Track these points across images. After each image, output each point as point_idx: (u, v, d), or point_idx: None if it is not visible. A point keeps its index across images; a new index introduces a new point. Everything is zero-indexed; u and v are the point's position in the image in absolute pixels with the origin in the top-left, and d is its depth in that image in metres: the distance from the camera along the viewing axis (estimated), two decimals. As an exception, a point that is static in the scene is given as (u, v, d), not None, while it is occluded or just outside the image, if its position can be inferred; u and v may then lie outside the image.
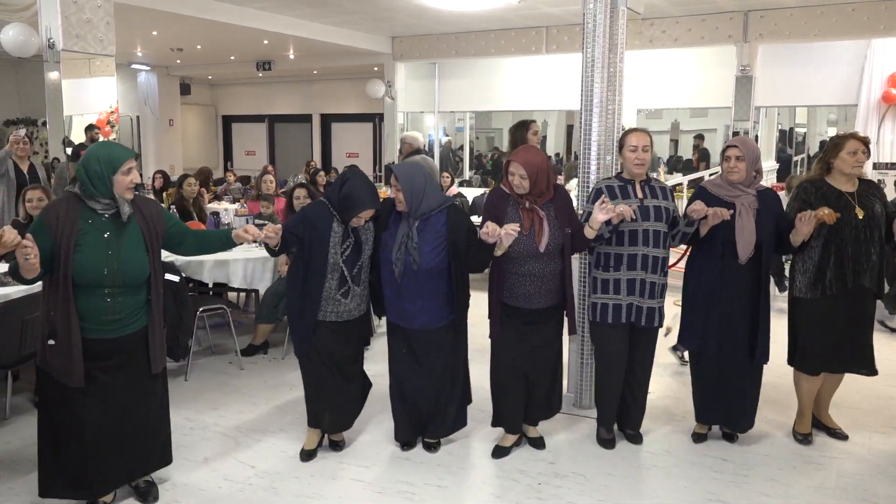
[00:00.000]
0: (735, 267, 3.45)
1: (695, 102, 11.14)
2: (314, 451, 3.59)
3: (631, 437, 3.74)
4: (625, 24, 3.95)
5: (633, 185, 3.50)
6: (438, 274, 3.37)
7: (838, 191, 3.54)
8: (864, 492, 3.29)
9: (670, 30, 9.36)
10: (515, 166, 3.31)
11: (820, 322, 3.58)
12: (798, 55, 9.42)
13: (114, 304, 2.82)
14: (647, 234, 3.44)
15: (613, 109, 3.97)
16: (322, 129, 15.92)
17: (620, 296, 3.48)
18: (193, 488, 3.29)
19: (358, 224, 3.34)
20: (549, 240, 3.32)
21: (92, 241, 2.76)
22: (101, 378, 2.86)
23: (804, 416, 3.78)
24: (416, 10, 8.99)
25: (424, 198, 3.34)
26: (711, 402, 3.67)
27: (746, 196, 3.46)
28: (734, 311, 3.49)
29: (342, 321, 3.41)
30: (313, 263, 3.33)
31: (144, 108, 14.22)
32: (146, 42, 11.36)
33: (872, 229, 3.51)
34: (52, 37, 5.83)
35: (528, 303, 3.39)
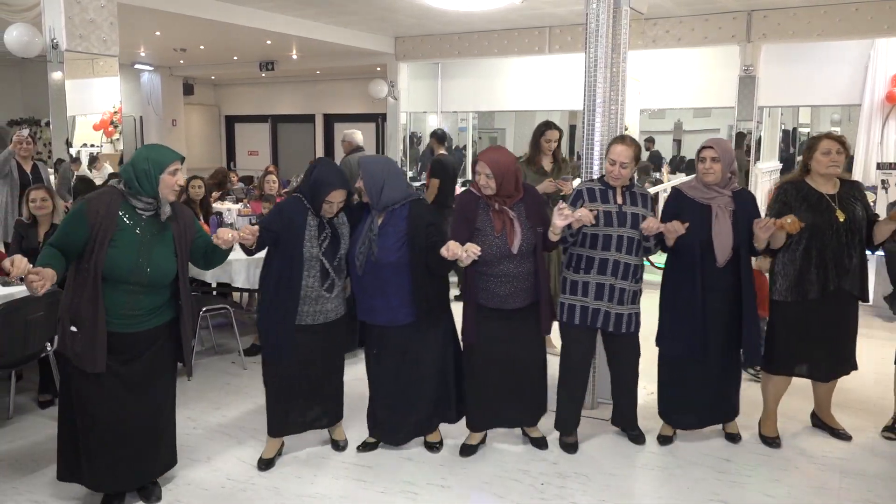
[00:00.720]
0: (714, 270, 3.43)
1: (698, 102, 11.11)
2: (272, 459, 3.51)
3: (634, 437, 3.74)
4: (628, 23, 3.95)
5: (615, 191, 3.48)
6: (401, 269, 3.31)
7: (819, 192, 3.50)
8: (867, 492, 3.28)
9: (673, 29, 9.34)
10: (481, 166, 3.30)
11: (795, 326, 3.56)
12: (801, 55, 9.40)
13: (134, 301, 2.89)
14: (622, 240, 3.42)
15: (616, 109, 3.97)
16: (325, 130, 15.92)
17: (588, 299, 3.46)
18: (196, 488, 3.29)
19: (330, 212, 3.29)
20: (522, 240, 3.30)
21: (127, 238, 2.84)
22: (118, 371, 2.91)
23: (769, 418, 3.76)
24: (419, 11, 8.99)
25: (384, 190, 3.30)
26: (684, 405, 3.64)
27: (722, 197, 3.43)
28: (716, 313, 3.46)
29: (319, 324, 3.36)
30: (289, 260, 3.27)
31: (148, 108, 14.23)
32: (149, 42, 11.38)
33: (853, 232, 3.47)
34: (56, 37, 5.84)
35: (504, 303, 3.37)
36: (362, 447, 3.63)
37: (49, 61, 5.93)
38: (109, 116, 7.07)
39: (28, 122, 12.19)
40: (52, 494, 3.20)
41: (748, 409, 3.95)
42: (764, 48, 9.20)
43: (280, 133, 16.78)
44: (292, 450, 3.63)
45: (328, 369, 3.49)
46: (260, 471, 3.44)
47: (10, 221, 5.96)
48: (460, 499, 3.24)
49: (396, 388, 3.49)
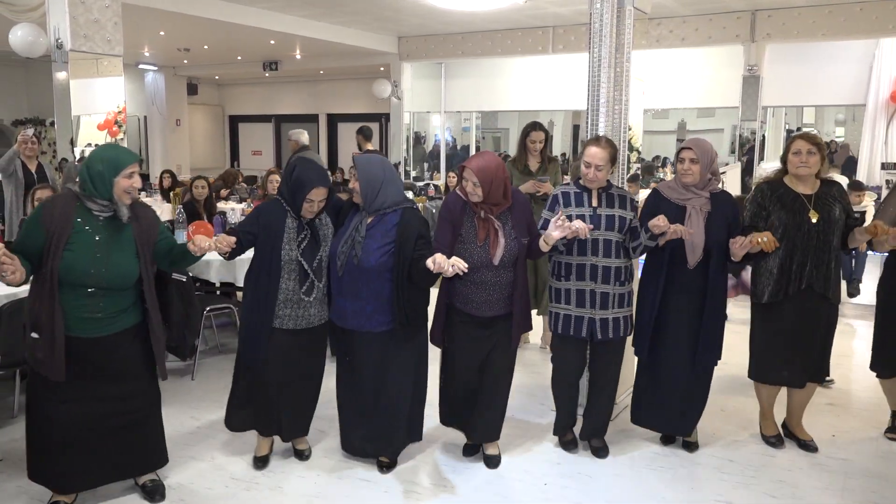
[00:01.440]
0: (685, 272, 3.39)
1: (702, 102, 11.12)
2: (267, 456, 3.48)
3: (596, 450, 3.58)
4: (632, 23, 3.94)
5: (590, 193, 3.41)
6: (381, 275, 3.19)
7: (794, 192, 3.47)
8: (871, 493, 3.27)
9: (677, 29, 9.34)
10: (468, 172, 3.18)
11: (772, 329, 3.53)
12: (806, 55, 9.40)
13: (94, 305, 2.82)
14: (598, 244, 3.34)
15: (620, 109, 3.96)
16: (328, 129, 15.95)
17: (571, 306, 3.39)
18: (200, 487, 3.30)
19: (311, 212, 3.21)
20: (505, 252, 3.21)
21: (83, 240, 2.78)
22: (83, 375, 2.86)
23: (766, 418, 3.75)
24: (422, 10, 8.99)
25: (381, 192, 3.21)
26: (653, 407, 3.61)
27: (698, 199, 3.39)
28: (685, 316, 3.43)
29: (300, 329, 3.27)
30: (268, 263, 3.21)
31: (152, 108, 14.27)
32: (153, 42, 11.40)
33: (827, 233, 3.42)
34: (61, 37, 5.86)
35: (478, 309, 3.28)
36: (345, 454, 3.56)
37: (53, 61, 5.95)
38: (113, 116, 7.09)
39: (33, 121, 12.23)
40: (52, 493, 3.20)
41: (749, 408, 3.95)
42: (768, 48, 9.19)
43: (283, 133, 16.79)
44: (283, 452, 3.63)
45: (306, 376, 3.40)
46: (257, 470, 3.42)
47: (16, 220, 5.98)
48: (464, 499, 3.24)
49: (365, 400, 3.36)
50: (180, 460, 3.49)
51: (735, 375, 3.76)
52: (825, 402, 4.30)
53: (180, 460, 3.49)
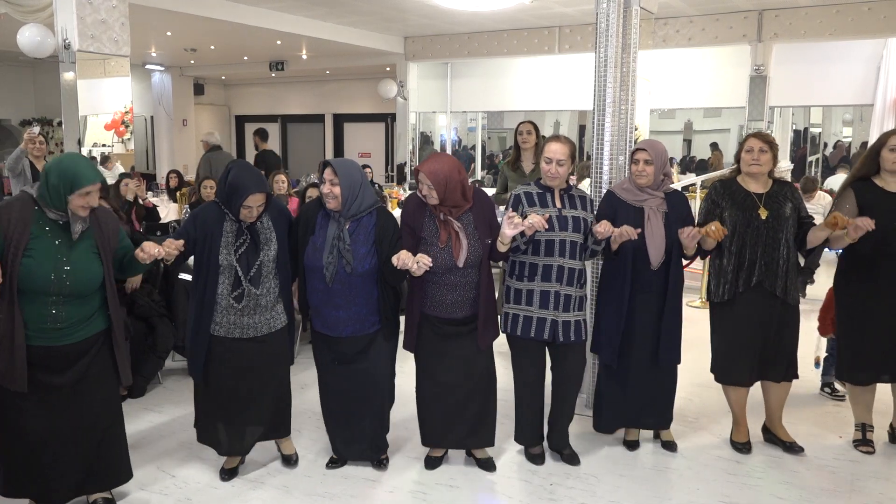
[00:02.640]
0: (647, 272, 3.41)
1: (708, 102, 11.07)
2: (235, 468, 3.40)
3: (568, 457, 3.54)
4: (638, 23, 3.94)
5: (553, 193, 3.38)
6: (371, 277, 3.20)
7: (745, 190, 3.50)
8: (879, 496, 3.26)
9: (684, 29, 9.31)
10: (422, 176, 3.14)
11: (732, 327, 3.54)
12: (813, 54, 9.35)
13: (58, 313, 2.73)
14: (564, 245, 3.30)
15: (626, 109, 3.96)
16: (335, 129, 15.96)
17: (532, 308, 3.32)
18: (206, 487, 3.30)
19: (249, 217, 3.10)
20: (469, 253, 3.18)
21: (42, 247, 2.69)
22: (46, 385, 2.76)
23: (738, 424, 3.71)
24: (428, 11, 8.99)
25: (359, 195, 3.16)
26: (620, 407, 3.60)
27: (654, 199, 3.42)
28: (650, 316, 3.45)
29: (235, 338, 3.16)
30: (206, 269, 3.12)
31: (158, 108, 14.30)
32: (160, 42, 11.43)
33: (777, 231, 3.43)
34: (68, 37, 5.88)
35: (448, 312, 3.25)
36: (331, 464, 3.50)
37: (61, 61, 5.96)
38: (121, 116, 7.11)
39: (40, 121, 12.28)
40: (63, 492, 3.21)
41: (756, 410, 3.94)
42: (775, 48, 9.15)
43: (290, 133, 16.83)
44: (302, 449, 3.63)
45: (261, 384, 3.27)
46: (223, 481, 3.33)
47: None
48: (469, 499, 3.24)
49: (351, 400, 3.36)
50: (187, 459, 3.50)
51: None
52: (831, 403, 4.28)
53: (187, 459, 3.50)
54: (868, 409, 3.71)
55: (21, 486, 2.87)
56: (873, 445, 3.68)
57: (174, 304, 4.55)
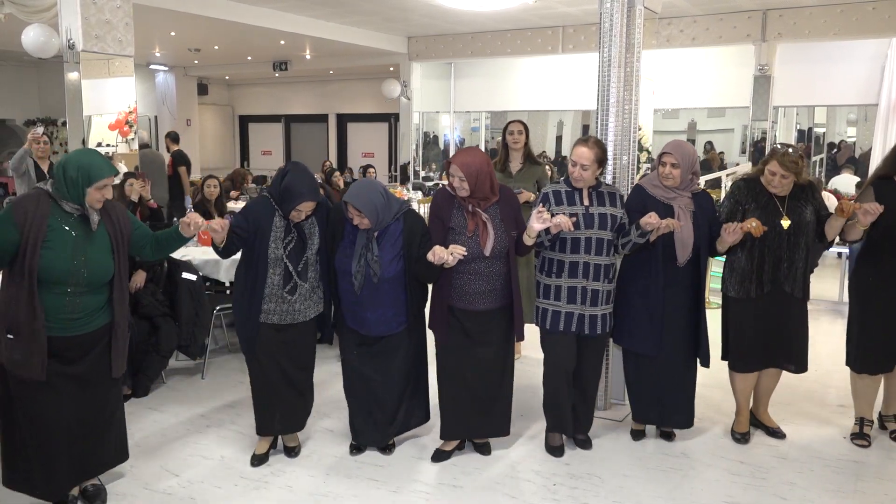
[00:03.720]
0: (674, 269, 3.47)
1: (712, 102, 11.07)
2: (266, 454, 3.52)
3: (581, 442, 3.66)
4: (642, 23, 3.93)
5: (581, 192, 3.44)
6: (397, 280, 3.32)
7: (769, 194, 3.53)
8: (883, 496, 3.25)
9: (688, 29, 9.30)
10: (454, 169, 3.25)
11: (747, 321, 3.61)
12: (817, 54, 9.34)
13: (73, 303, 2.80)
14: (591, 242, 3.39)
15: (630, 109, 3.95)
16: (338, 129, 15.98)
17: (561, 303, 3.43)
18: (209, 486, 3.31)
19: (298, 218, 3.26)
20: (495, 243, 3.27)
21: (60, 239, 2.75)
22: (59, 375, 2.83)
23: (740, 414, 3.79)
24: (431, 11, 9.00)
25: (381, 214, 3.26)
26: (649, 400, 3.66)
27: (682, 198, 3.46)
28: (676, 312, 3.50)
29: (286, 324, 3.34)
30: (256, 259, 3.27)
31: (162, 108, 14.34)
32: (164, 42, 11.46)
33: (798, 237, 3.50)
34: (72, 37, 5.89)
35: (473, 304, 3.33)
36: (353, 450, 3.60)
37: (65, 62, 5.98)
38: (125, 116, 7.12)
39: (44, 121, 12.32)
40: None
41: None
42: (779, 47, 9.14)
43: (293, 133, 16.85)
44: (305, 448, 3.64)
45: (297, 369, 3.45)
46: (252, 466, 3.45)
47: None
48: (472, 499, 3.24)
49: (376, 391, 3.47)
50: (190, 459, 3.51)
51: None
52: (836, 404, 4.27)
53: (190, 459, 3.51)
54: (870, 404, 3.77)
55: (25, 477, 2.92)
56: (869, 440, 3.72)
57: (178, 303, 4.55)
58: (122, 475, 3.34)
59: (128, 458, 3.22)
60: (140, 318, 4.29)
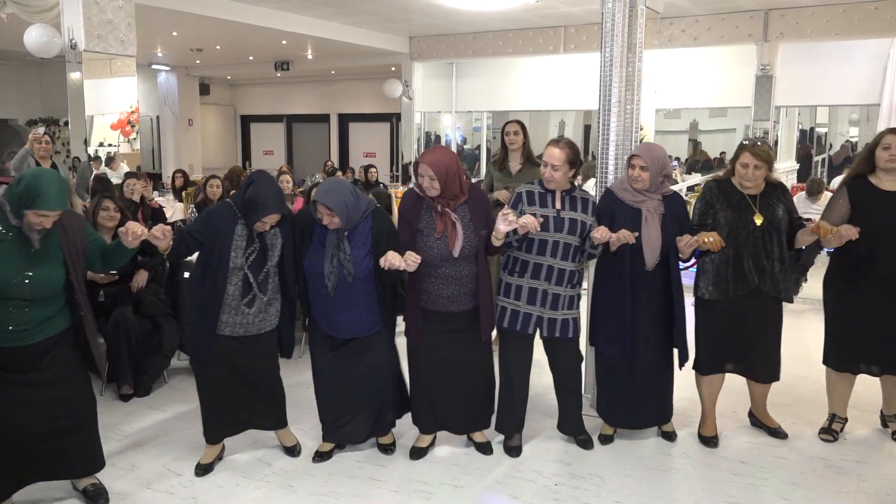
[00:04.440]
0: (644, 272, 3.44)
1: (714, 102, 11.06)
2: (212, 464, 3.43)
3: (582, 442, 3.67)
4: (643, 23, 3.93)
5: (554, 195, 3.42)
6: (369, 279, 3.28)
7: (740, 193, 3.53)
8: (886, 496, 3.25)
9: (690, 29, 9.29)
10: (423, 168, 3.20)
11: (717, 324, 3.59)
12: (819, 54, 9.32)
13: (19, 316, 2.73)
14: (557, 246, 3.36)
15: (632, 109, 3.95)
16: (340, 129, 15.98)
17: (520, 303, 3.42)
18: (211, 486, 3.31)
19: (262, 229, 3.19)
20: (464, 243, 3.24)
21: (4, 250, 2.69)
22: (11, 384, 2.78)
23: (706, 418, 3.78)
24: (433, 10, 9.00)
25: (353, 211, 3.21)
26: (622, 404, 3.64)
27: (651, 201, 3.44)
28: (646, 315, 3.48)
29: (240, 336, 3.24)
30: (216, 267, 3.16)
31: (164, 107, 14.35)
32: (166, 42, 11.47)
33: (771, 234, 3.48)
34: (74, 37, 5.90)
35: (447, 305, 3.31)
36: (318, 457, 3.53)
37: (67, 61, 5.99)
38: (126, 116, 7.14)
39: (46, 121, 12.33)
40: (67, 491, 3.23)
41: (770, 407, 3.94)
42: (781, 47, 9.13)
43: (295, 133, 16.85)
44: (307, 448, 3.64)
45: (257, 380, 3.38)
46: (197, 476, 3.36)
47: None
48: (474, 499, 3.24)
49: (350, 390, 3.44)
50: (192, 458, 3.51)
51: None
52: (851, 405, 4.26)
53: (192, 458, 3.51)
54: (843, 402, 3.78)
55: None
56: (836, 436, 3.75)
57: (180, 303, 4.56)
58: (123, 475, 3.34)
59: (103, 467, 3.12)
60: (142, 318, 4.30)
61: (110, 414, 4.07)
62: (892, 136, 3.49)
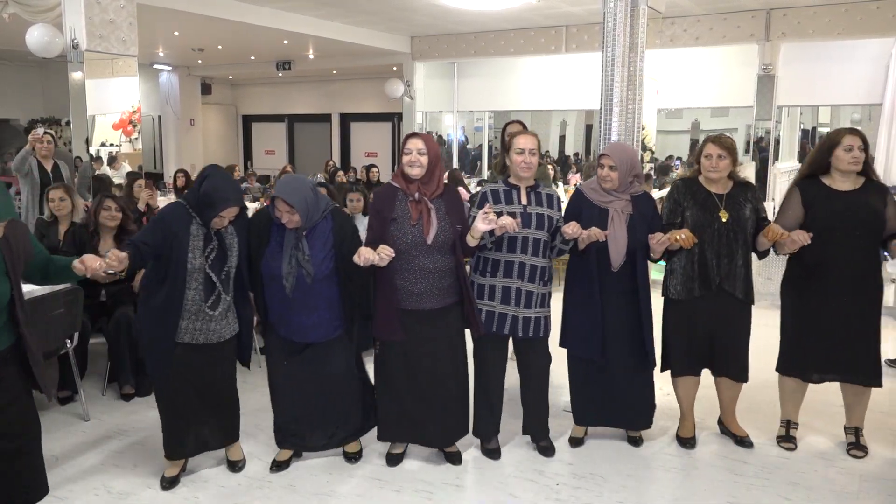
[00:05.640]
0: (611, 273, 3.44)
1: (716, 102, 11.03)
2: (177, 477, 3.31)
3: (543, 449, 3.60)
4: (645, 22, 3.94)
5: (519, 191, 3.41)
6: (330, 280, 3.21)
7: (707, 191, 3.52)
8: (887, 497, 3.24)
9: (692, 28, 9.28)
10: (414, 142, 3.23)
11: (685, 323, 3.58)
12: (821, 54, 9.30)
13: None
14: (528, 242, 3.35)
15: (633, 109, 3.96)
16: (341, 129, 15.97)
17: (495, 303, 3.38)
18: (213, 484, 3.32)
19: (220, 225, 3.07)
20: (438, 231, 3.20)
21: None
22: None
23: (684, 419, 3.76)
24: (435, 10, 9.00)
25: (313, 207, 3.15)
26: (594, 405, 3.63)
27: (619, 202, 3.44)
28: (617, 315, 3.47)
29: (199, 344, 3.12)
30: (173, 272, 3.02)
31: (166, 107, 14.36)
32: (168, 42, 11.47)
33: (737, 233, 3.46)
34: (76, 37, 5.90)
35: (419, 303, 3.25)
36: (275, 467, 3.45)
37: (69, 61, 6.00)
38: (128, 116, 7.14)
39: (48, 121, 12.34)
40: (69, 490, 3.24)
41: (765, 409, 3.93)
42: (783, 47, 9.12)
43: (296, 132, 16.85)
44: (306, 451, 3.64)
45: (215, 391, 3.28)
46: (163, 490, 3.25)
47: (31, 220, 6.04)
48: (475, 498, 3.24)
49: (309, 398, 3.36)
50: (195, 457, 3.51)
51: (752, 377, 3.75)
52: (839, 403, 4.26)
53: (195, 457, 3.51)
54: (796, 407, 3.75)
55: None
56: (795, 443, 3.71)
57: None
58: (124, 474, 3.34)
59: (46, 494, 2.80)
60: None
61: (112, 413, 4.08)
62: (854, 137, 3.43)
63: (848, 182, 3.47)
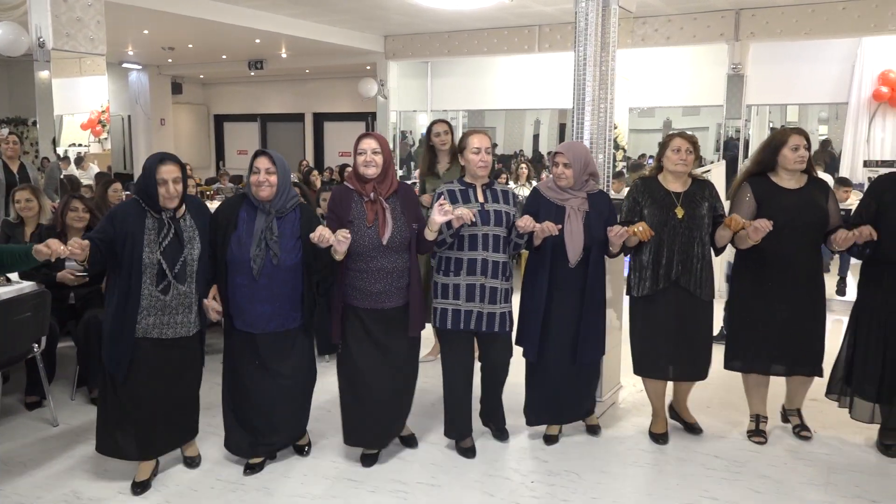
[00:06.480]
0: (566, 270, 3.48)
1: (687, 101, 11.18)
2: (149, 480, 3.24)
3: (497, 434, 3.72)
4: (617, 22, 3.96)
5: (475, 189, 3.46)
6: (296, 271, 3.24)
7: (665, 189, 3.58)
8: (854, 487, 3.30)
9: (662, 28, 9.38)
10: (368, 142, 3.25)
11: (645, 321, 3.64)
12: (789, 53, 9.46)
13: None
14: (487, 239, 3.40)
15: (605, 108, 3.98)
16: (315, 128, 15.89)
17: (460, 301, 3.41)
18: (185, 489, 3.27)
19: (168, 197, 3.01)
20: (394, 232, 3.25)
21: None
22: None
23: (657, 416, 3.81)
24: (408, 9, 8.98)
25: (288, 188, 3.22)
26: (542, 404, 3.67)
27: (575, 199, 3.49)
28: (567, 313, 3.51)
29: (167, 338, 3.11)
30: (129, 267, 3.01)
31: (136, 107, 14.17)
32: (137, 41, 11.32)
33: (692, 230, 3.52)
34: (43, 36, 5.81)
35: (378, 302, 3.29)
36: (249, 470, 3.40)
37: (35, 60, 5.90)
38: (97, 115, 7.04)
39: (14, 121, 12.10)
40: (37, 497, 3.18)
41: (735, 404, 3.98)
42: (752, 47, 9.26)
43: (269, 132, 16.72)
44: (281, 453, 3.61)
45: (181, 386, 3.26)
46: (135, 495, 3.18)
47: (-3, 222, 5.93)
48: (451, 497, 3.24)
49: (272, 398, 3.34)
50: (168, 461, 3.46)
51: (723, 372, 3.79)
52: (810, 397, 4.33)
53: (168, 461, 3.46)
54: (762, 401, 3.81)
55: None
56: (766, 436, 3.77)
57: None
58: (95, 479, 3.29)
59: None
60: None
61: (81, 418, 4.01)
62: (799, 137, 3.53)
63: (794, 180, 3.57)
